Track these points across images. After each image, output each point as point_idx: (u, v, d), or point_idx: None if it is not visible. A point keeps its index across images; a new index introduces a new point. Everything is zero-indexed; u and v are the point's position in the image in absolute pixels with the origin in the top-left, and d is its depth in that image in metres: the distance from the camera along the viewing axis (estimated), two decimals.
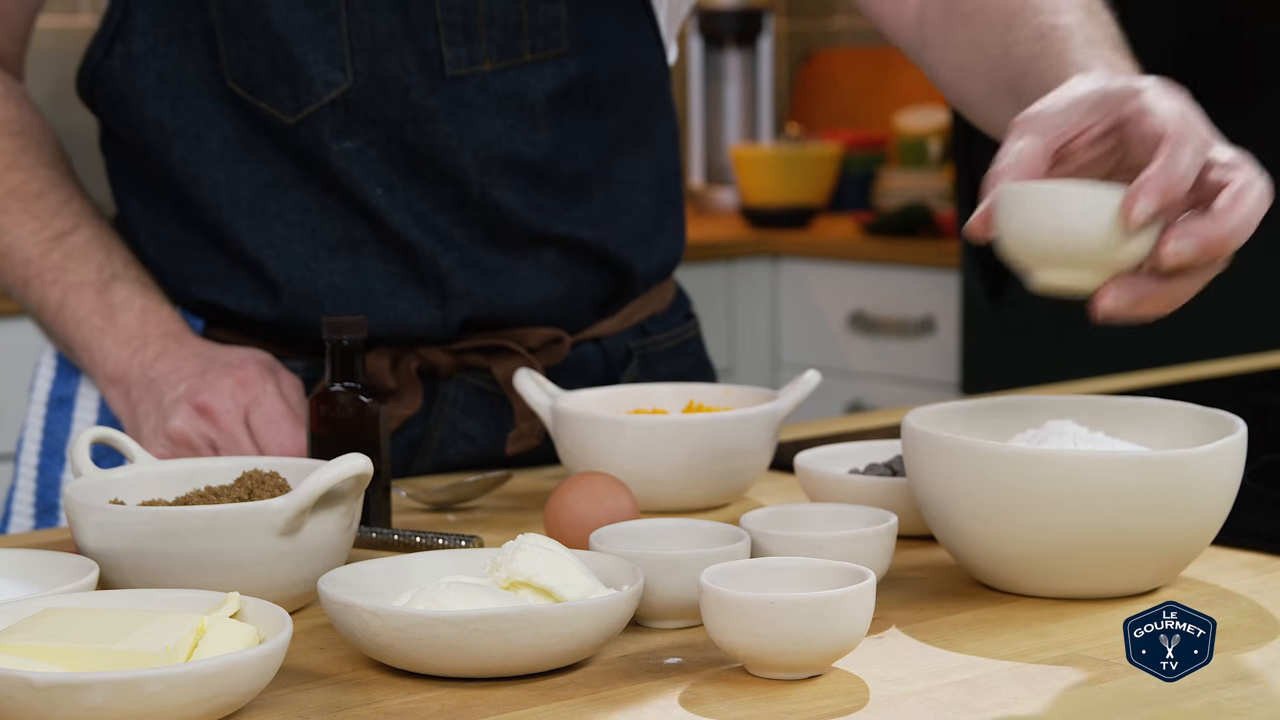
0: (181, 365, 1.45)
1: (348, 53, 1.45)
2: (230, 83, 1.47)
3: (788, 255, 3.83)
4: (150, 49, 1.48)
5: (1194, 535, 1.13)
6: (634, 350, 1.63)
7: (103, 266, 1.50)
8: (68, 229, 1.51)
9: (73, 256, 1.50)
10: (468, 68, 1.47)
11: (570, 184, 1.53)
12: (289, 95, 1.46)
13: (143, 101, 1.49)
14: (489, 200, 1.49)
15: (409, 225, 1.48)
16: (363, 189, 1.47)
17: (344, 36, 1.45)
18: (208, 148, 1.49)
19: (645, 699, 0.98)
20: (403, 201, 1.48)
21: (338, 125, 1.46)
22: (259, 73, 1.46)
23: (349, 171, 1.47)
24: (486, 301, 1.51)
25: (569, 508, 1.23)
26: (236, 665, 0.93)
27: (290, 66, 1.45)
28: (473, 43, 1.47)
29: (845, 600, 0.99)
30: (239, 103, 1.47)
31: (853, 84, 4.38)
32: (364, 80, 1.45)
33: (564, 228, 1.52)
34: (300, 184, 1.49)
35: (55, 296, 1.50)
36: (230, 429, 1.40)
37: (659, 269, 1.63)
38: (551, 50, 1.49)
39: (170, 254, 1.53)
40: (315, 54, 1.45)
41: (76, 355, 1.51)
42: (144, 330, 1.48)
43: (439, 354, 1.52)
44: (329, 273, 1.49)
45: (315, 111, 1.46)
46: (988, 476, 1.11)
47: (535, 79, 1.49)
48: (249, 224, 1.49)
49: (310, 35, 1.45)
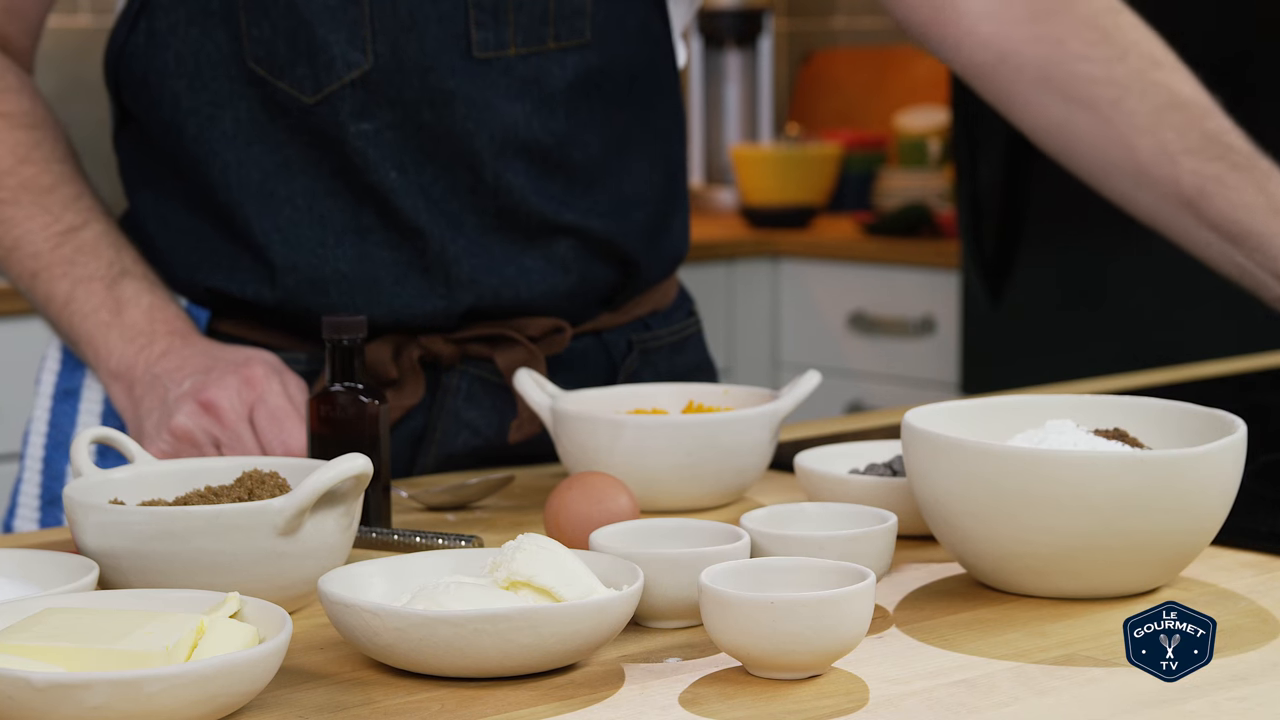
0: (187, 363, 1.45)
1: (369, 34, 1.46)
2: (250, 63, 1.48)
3: (788, 255, 3.83)
4: (171, 27, 1.50)
5: (1194, 535, 1.13)
6: (635, 344, 1.63)
7: (112, 262, 1.51)
8: (78, 224, 1.52)
9: (83, 251, 1.51)
10: (494, 51, 1.48)
11: (581, 174, 1.54)
12: (309, 75, 1.47)
13: (161, 79, 1.50)
14: (501, 185, 1.50)
15: (420, 210, 1.49)
16: (377, 171, 1.48)
17: (366, 18, 1.46)
18: (221, 128, 1.49)
19: (645, 699, 0.98)
20: (416, 185, 1.49)
21: (356, 106, 1.47)
22: (280, 53, 1.47)
23: (364, 153, 1.48)
24: (492, 291, 1.52)
25: (569, 508, 1.23)
26: (236, 665, 0.93)
27: (311, 47, 1.46)
28: (501, 26, 1.48)
29: (845, 600, 0.99)
30: (258, 83, 1.48)
31: (853, 84, 4.38)
32: (384, 61, 1.47)
33: (573, 217, 1.53)
34: (311, 168, 1.49)
35: (63, 290, 1.50)
36: (234, 426, 1.40)
37: (664, 265, 1.64)
38: (575, 39, 1.51)
39: (180, 243, 1.54)
40: (337, 34, 1.46)
41: (81, 350, 1.51)
42: (151, 327, 1.48)
43: (441, 343, 1.53)
44: (335, 259, 1.50)
45: (335, 92, 1.47)
46: (988, 476, 1.11)
47: (558, 66, 1.51)
48: (257, 208, 1.50)
49: (333, 16, 1.46)
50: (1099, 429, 1.21)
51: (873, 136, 4.17)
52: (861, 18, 4.40)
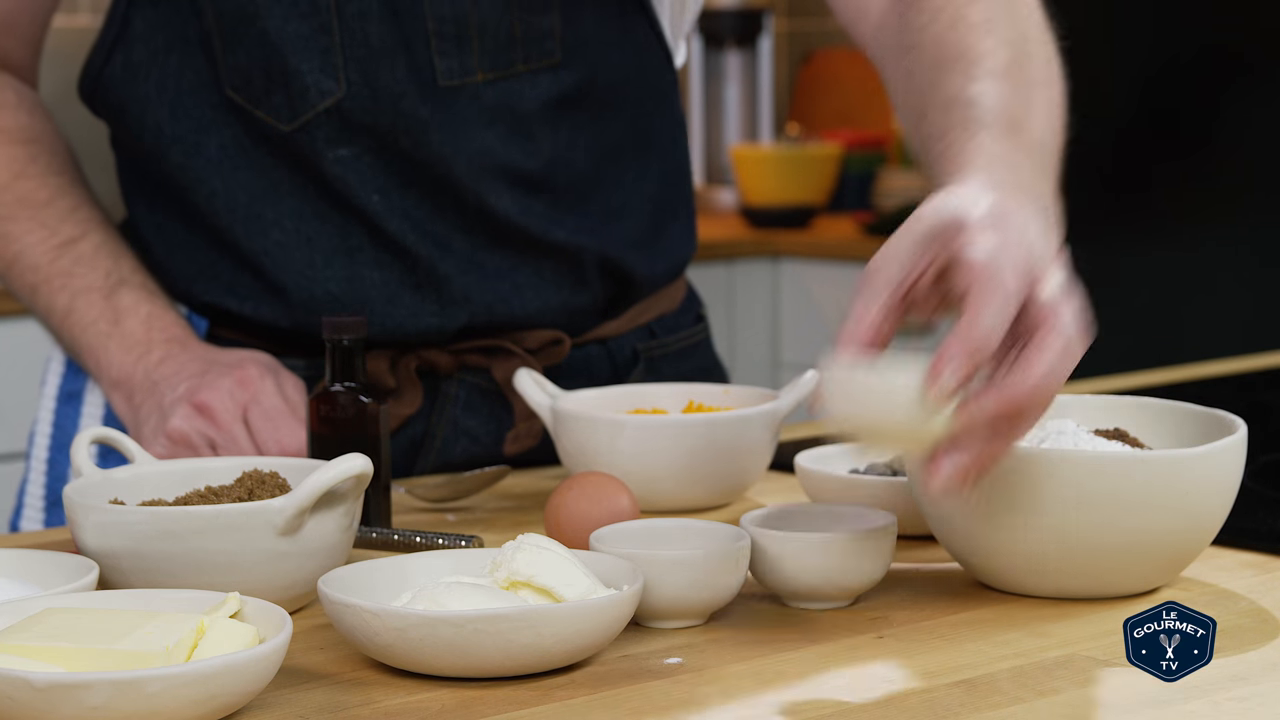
0: (183, 368, 1.45)
1: (340, 62, 1.45)
2: (229, 90, 1.47)
3: (788, 255, 3.83)
4: (150, 57, 1.49)
5: (1194, 535, 1.13)
6: (640, 353, 1.62)
7: (109, 272, 1.51)
8: (76, 235, 1.52)
9: (80, 262, 1.51)
10: (459, 79, 1.47)
11: (568, 192, 1.53)
12: (285, 104, 1.46)
13: (143, 109, 1.50)
14: (485, 207, 1.49)
15: (406, 231, 1.48)
16: (359, 195, 1.48)
17: (337, 46, 1.45)
18: (205, 154, 1.49)
19: (645, 699, 0.98)
20: (399, 208, 1.48)
21: (332, 133, 1.46)
22: (256, 81, 1.46)
23: (344, 179, 1.47)
24: (486, 308, 1.51)
25: (569, 508, 1.23)
26: (236, 665, 0.93)
27: (285, 75, 1.45)
28: (464, 54, 1.47)
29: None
30: (237, 110, 1.48)
31: (853, 84, 4.38)
32: (357, 89, 1.46)
33: (563, 234, 1.52)
34: (298, 191, 1.49)
35: (63, 302, 1.51)
36: (228, 427, 1.40)
37: (664, 272, 1.63)
38: (545, 60, 1.49)
39: (176, 255, 1.54)
40: (309, 63, 1.45)
41: (83, 360, 1.51)
42: (149, 336, 1.48)
43: (438, 354, 1.52)
44: (325, 280, 1.49)
45: (310, 120, 1.46)
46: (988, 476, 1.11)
47: (530, 89, 1.49)
48: (246, 230, 1.50)
49: (304, 44, 1.45)
50: (1099, 429, 1.21)
51: (873, 136, 4.17)
52: None
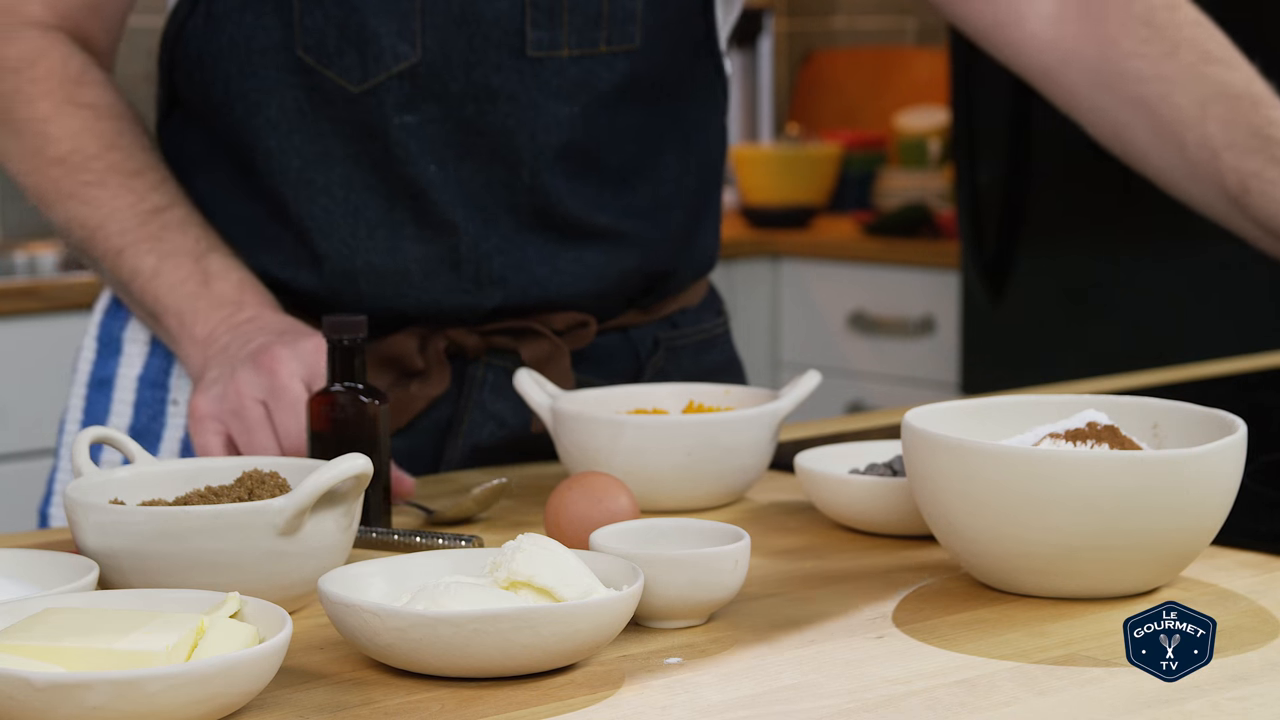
0: (269, 325, 1.45)
1: (419, 27, 1.48)
2: (300, 51, 1.49)
3: (788, 255, 3.83)
4: (227, 12, 1.51)
5: (1194, 535, 1.13)
6: (661, 341, 1.64)
7: (199, 239, 1.52)
8: (164, 204, 1.53)
9: (170, 228, 1.52)
10: (548, 51, 1.49)
11: (617, 176, 1.56)
12: (357, 65, 1.48)
13: (216, 61, 1.52)
14: (538, 185, 1.52)
15: (455, 205, 1.51)
16: (416, 164, 1.50)
17: (418, 10, 1.48)
18: (265, 115, 1.51)
19: (645, 699, 0.98)
20: (454, 180, 1.51)
21: (401, 98, 1.49)
22: (329, 41, 1.49)
23: (405, 145, 1.49)
24: (520, 290, 1.53)
25: (569, 508, 1.23)
26: (236, 665, 0.93)
27: (362, 36, 1.48)
28: (556, 27, 1.49)
29: None
30: (305, 71, 1.50)
31: (853, 84, 4.38)
32: (432, 55, 1.48)
33: (607, 220, 1.55)
34: (350, 160, 1.51)
35: (150, 264, 1.51)
36: (286, 384, 1.38)
37: (695, 269, 1.66)
38: (625, 44, 1.52)
39: (220, 215, 1.55)
40: (388, 25, 1.47)
41: (166, 322, 1.51)
42: (240, 297, 1.49)
43: (466, 335, 1.54)
44: (367, 250, 1.52)
45: (381, 83, 1.48)
46: (988, 476, 1.11)
47: (606, 70, 1.52)
48: (295, 195, 1.52)
49: (385, 7, 1.47)
50: (1069, 429, 1.19)
51: (873, 136, 4.18)
52: (861, 18, 4.40)
